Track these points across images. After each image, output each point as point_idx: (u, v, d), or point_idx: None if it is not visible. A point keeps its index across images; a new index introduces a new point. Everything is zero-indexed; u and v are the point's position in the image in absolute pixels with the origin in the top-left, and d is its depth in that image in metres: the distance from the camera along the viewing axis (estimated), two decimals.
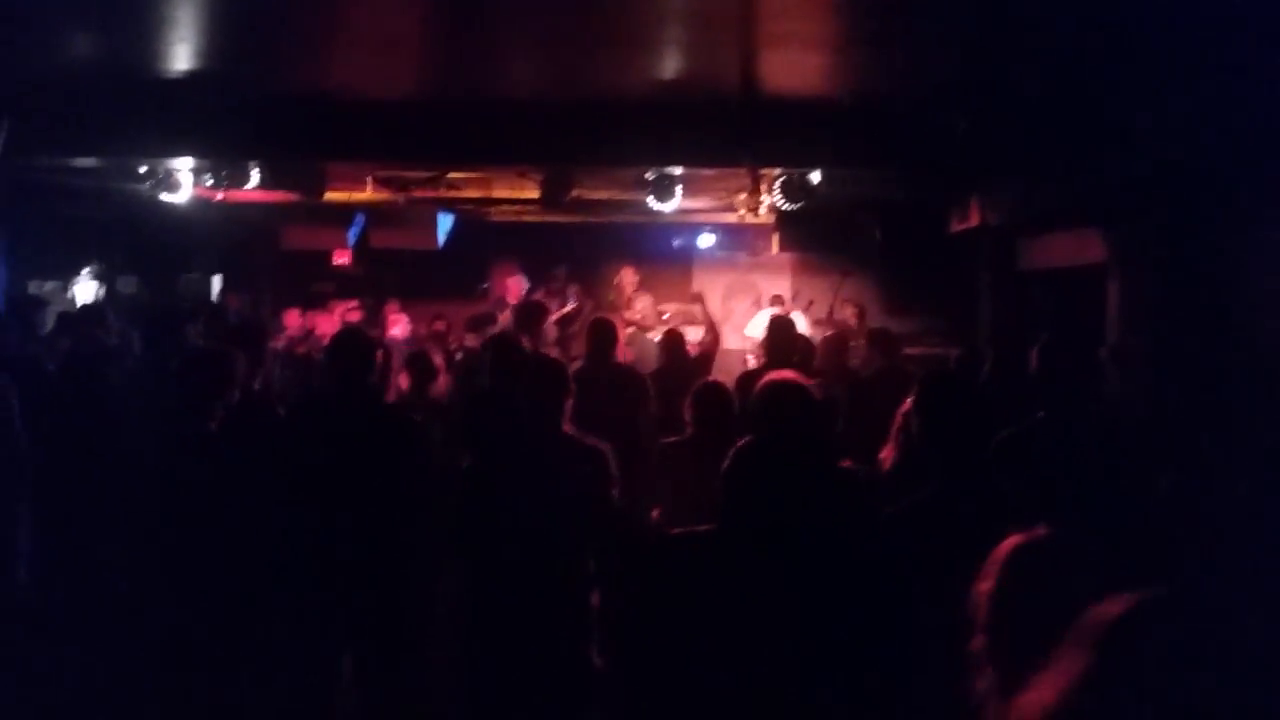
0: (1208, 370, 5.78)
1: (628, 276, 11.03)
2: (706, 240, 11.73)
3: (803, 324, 10.01)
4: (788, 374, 3.74)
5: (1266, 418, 4.72)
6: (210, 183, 8.11)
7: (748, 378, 5.60)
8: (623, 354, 7.42)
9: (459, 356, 7.96)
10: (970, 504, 3.15)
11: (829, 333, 7.99)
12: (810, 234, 9.57)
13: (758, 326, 10.12)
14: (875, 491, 3.76)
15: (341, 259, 12.02)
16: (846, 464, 3.98)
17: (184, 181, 8.10)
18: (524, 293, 10.86)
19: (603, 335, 6.09)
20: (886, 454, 4.45)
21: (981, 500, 3.17)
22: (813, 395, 3.61)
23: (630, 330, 10.28)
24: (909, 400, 4.28)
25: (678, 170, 7.70)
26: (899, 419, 4.37)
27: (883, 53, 5.55)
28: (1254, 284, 5.71)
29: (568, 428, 4.21)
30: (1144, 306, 6.60)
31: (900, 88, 6.03)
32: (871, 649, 3.02)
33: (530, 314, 7.05)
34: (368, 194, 9.31)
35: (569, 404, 4.24)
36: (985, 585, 1.95)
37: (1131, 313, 6.76)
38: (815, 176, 7.69)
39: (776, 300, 10.83)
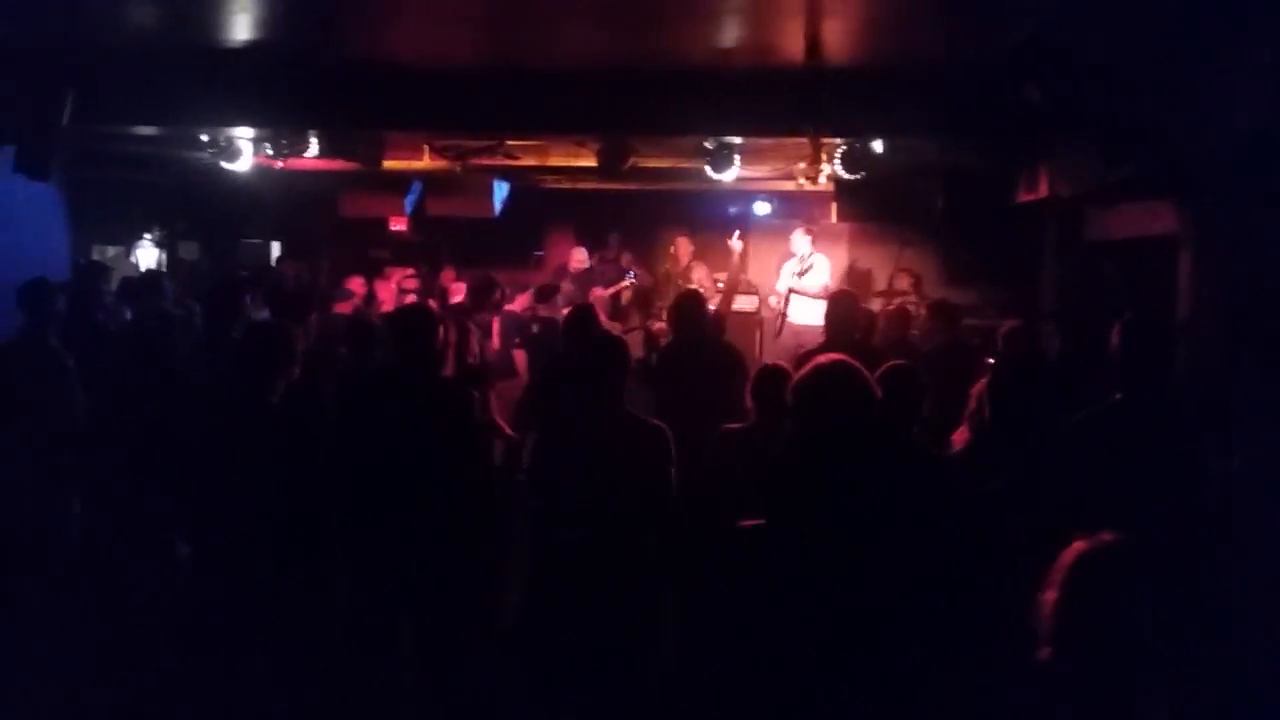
0: None
1: (683, 246, 10.94)
2: (762, 208, 11.56)
3: (804, 245, 9.86)
4: (834, 357, 3.54)
5: None
6: (270, 151, 8.15)
7: (804, 359, 5.47)
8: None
9: (535, 329, 7.98)
10: (1043, 495, 3.06)
11: (890, 306, 7.86)
12: (870, 203, 9.40)
13: (785, 282, 9.98)
14: (953, 473, 3.60)
15: (398, 225, 12.08)
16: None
17: (244, 150, 8.16)
18: (585, 263, 10.88)
19: (692, 310, 5.92)
20: (959, 435, 4.33)
21: (1054, 491, 3.09)
22: (860, 379, 3.39)
23: None
24: (982, 381, 4.17)
25: (737, 139, 7.59)
26: (973, 399, 4.25)
27: (952, 18, 5.40)
28: None
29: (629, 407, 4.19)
30: (1218, 281, 6.40)
31: (971, 55, 5.87)
32: (925, 636, 2.97)
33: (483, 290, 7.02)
34: (425, 162, 9.30)
35: (626, 382, 4.21)
36: (1051, 595, 1.89)
37: (1204, 288, 6.55)
38: (878, 145, 7.53)
39: (809, 231, 10.19)
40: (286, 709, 4.08)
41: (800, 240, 10.02)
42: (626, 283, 10.85)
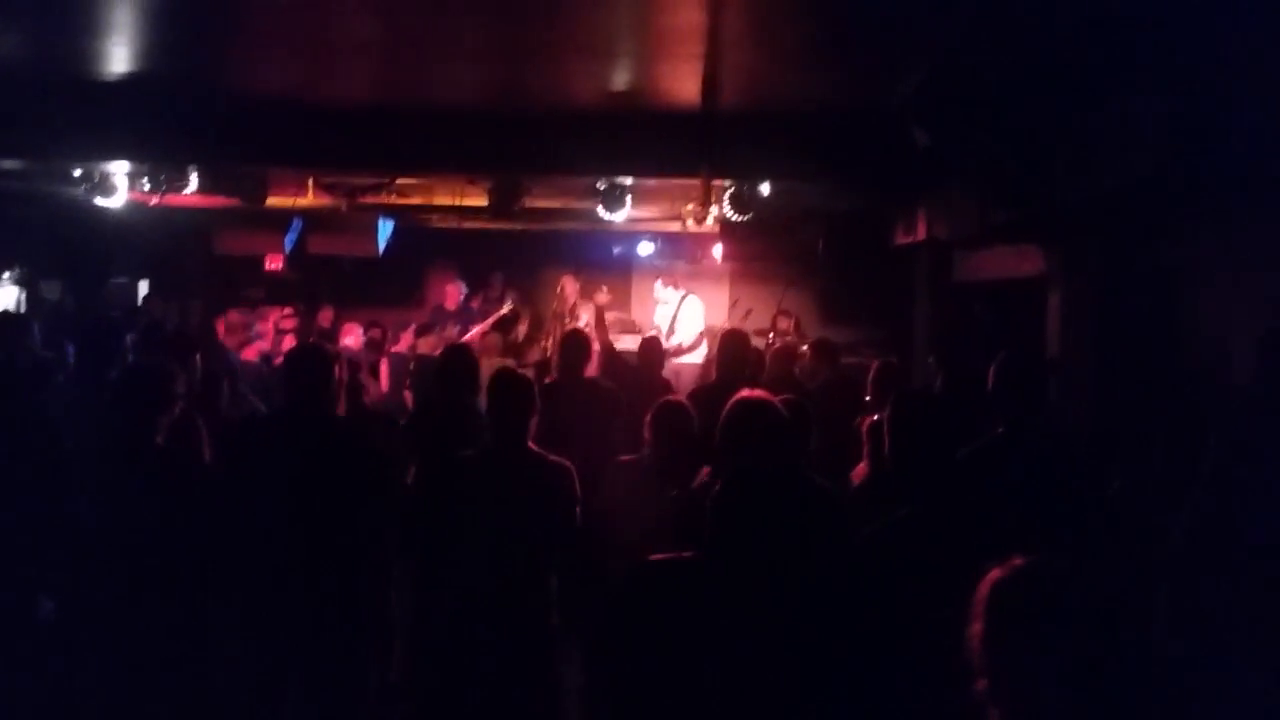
0: (1149, 381, 5.92)
1: (569, 285, 10.95)
2: (646, 249, 11.70)
3: (668, 294, 10.07)
4: (757, 393, 3.66)
5: (1206, 428, 4.83)
6: (147, 187, 7.89)
7: (703, 393, 5.56)
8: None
9: (413, 365, 7.90)
10: (950, 522, 3.16)
11: (776, 345, 8.03)
12: (754, 244, 9.62)
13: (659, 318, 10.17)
14: (848, 510, 3.73)
15: (274, 264, 11.79)
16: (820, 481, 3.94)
17: (119, 185, 7.87)
18: (462, 299, 10.78)
19: (575, 349, 6.04)
20: (859, 470, 4.45)
21: (959, 519, 3.19)
22: (785, 414, 3.55)
23: None
24: (876, 415, 4.30)
25: (629, 180, 7.68)
26: (866, 432, 4.38)
27: (845, 65, 5.60)
28: (1191, 298, 5.87)
29: (532, 444, 4.18)
30: (1085, 319, 6.74)
31: (862, 101, 6.09)
32: (860, 672, 3.02)
33: None
34: (309, 200, 9.13)
35: (534, 421, 4.20)
36: (975, 627, 1.95)
37: (1073, 326, 6.88)
38: (765, 188, 7.72)
39: (669, 281, 10.39)
40: None
41: (663, 291, 10.19)
42: (505, 309, 10.77)
